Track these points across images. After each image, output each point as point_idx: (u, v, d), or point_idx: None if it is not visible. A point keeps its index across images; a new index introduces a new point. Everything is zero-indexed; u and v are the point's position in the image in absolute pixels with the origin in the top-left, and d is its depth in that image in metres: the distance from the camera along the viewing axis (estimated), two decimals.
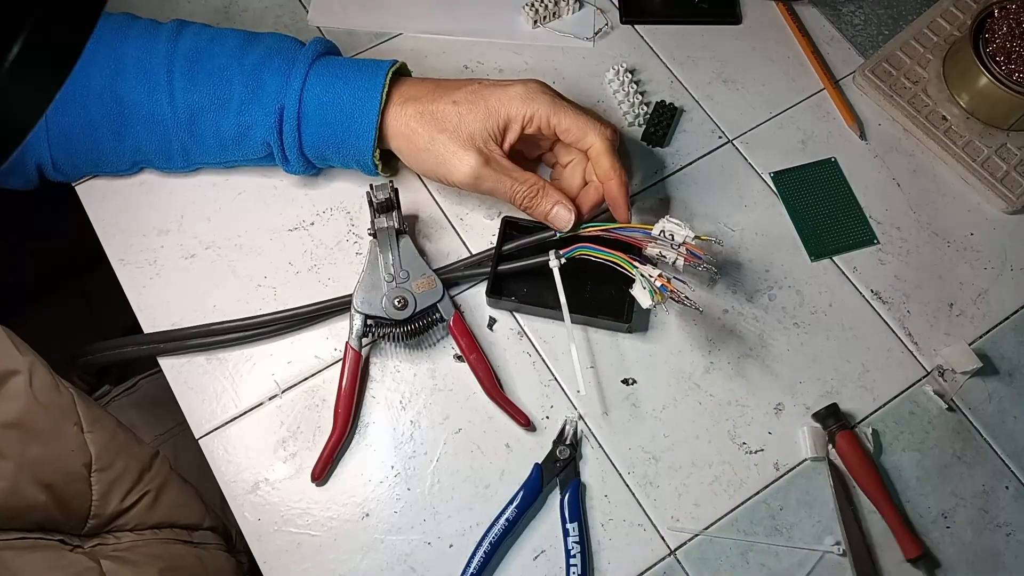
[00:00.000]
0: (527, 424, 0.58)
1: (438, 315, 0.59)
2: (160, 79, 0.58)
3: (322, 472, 0.57)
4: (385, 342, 0.61)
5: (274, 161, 0.62)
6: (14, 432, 0.51)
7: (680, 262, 0.57)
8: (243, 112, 0.59)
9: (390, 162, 0.63)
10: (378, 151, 0.60)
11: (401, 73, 0.62)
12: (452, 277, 0.62)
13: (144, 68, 0.58)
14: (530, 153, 0.65)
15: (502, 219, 0.63)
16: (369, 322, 0.59)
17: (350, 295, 0.59)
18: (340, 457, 0.58)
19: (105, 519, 0.57)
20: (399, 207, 0.60)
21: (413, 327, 0.59)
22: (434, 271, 0.60)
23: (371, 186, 0.59)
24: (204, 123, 0.59)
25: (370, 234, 0.61)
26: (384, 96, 0.58)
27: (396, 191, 0.60)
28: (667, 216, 0.57)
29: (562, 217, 0.59)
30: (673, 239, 0.57)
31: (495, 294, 0.61)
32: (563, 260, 0.59)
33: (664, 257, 0.57)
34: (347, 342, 0.58)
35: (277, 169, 0.66)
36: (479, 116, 0.58)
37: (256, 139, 0.60)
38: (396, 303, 0.58)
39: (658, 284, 0.55)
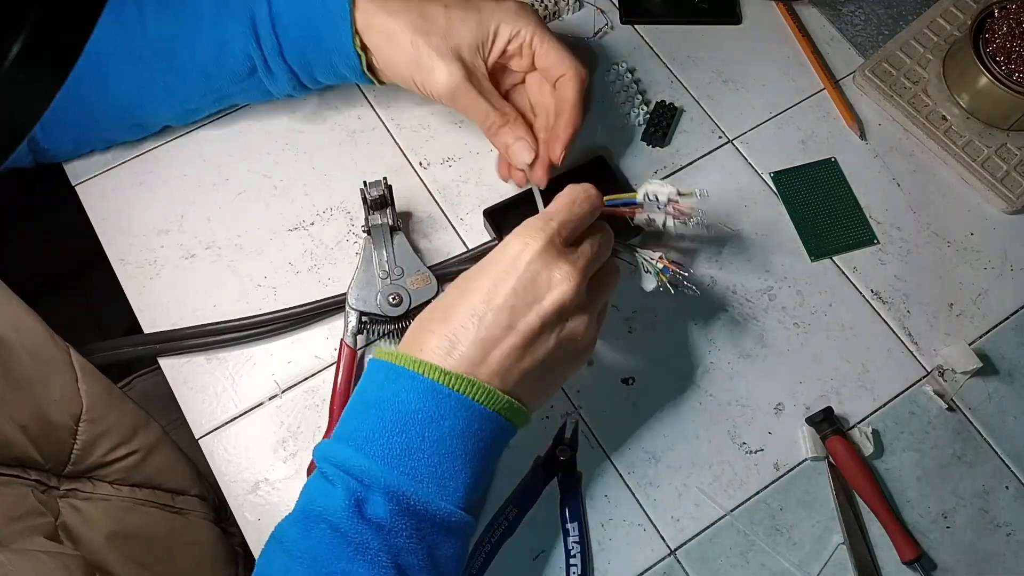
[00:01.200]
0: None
1: None
2: (132, 12, 0.57)
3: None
4: (380, 339, 0.61)
5: (261, 83, 0.61)
6: None
7: (670, 221, 0.56)
8: (216, 28, 0.57)
9: (378, 71, 0.61)
10: (359, 39, 0.58)
11: None
12: (448, 273, 0.62)
13: (113, 7, 0.56)
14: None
15: (483, 212, 0.63)
16: (364, 319, 0.59)
17: (345, 293, 0.59)
18: None
19: (84, 468, 0.57)
20: (393, 204, 0.60)
21: (408, 324, 0.59)
22: (429, 268, 0.60)
23: (364, 183, 0.59)
24: (181, 49, 0.58)
25: (364, 231, 0.61)
26: None
27: (390, 188, 0.60)
28: (648, 179, 0.56)
29: (520, 152, 0.59)
30: (658, 200, 0.56)
31: None
32: None
33: (653, 221, 0.57)
34: (342, 339, 0.58)
35: (277, 168, 0.66)
36: (471, 25, 0.57)
37: (236, 53, 0.58)
38: (391, 300, 0.58)
39: (660, 266, 0.55)
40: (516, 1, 0.59)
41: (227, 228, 0.64)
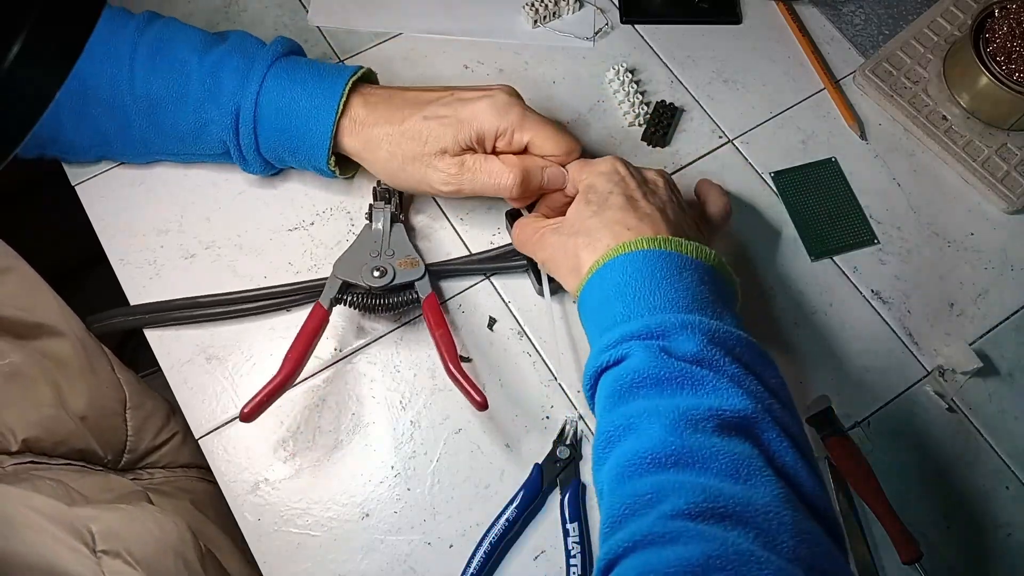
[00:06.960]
0: (483, 405, 0.54)
1: (415, 294, 0.60)
2: (123, 64, 0.57)
3: (254, 411, 0.53)
4: (358, 310, 0.60)
5: (232, 161, 0.62)
6: (53, 364, 0.53)
7: None
8: (200, 109, 0.58)
9: (349, 166, 0.63)
10: (334, 158, 0.59)
11: (366, 79, 0.60)
12: (448, 271, 0.63)
13: (108, 52, 0.57)
14: None
15: (505, 213, 0.63)
16: (347, 291, 0.59)
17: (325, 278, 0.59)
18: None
19: (139, 454, 0.60)
20: (400, 197, 0.62)
21: (388, 301, 0.59)
22: (428, 264, 0.60)
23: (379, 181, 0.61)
24: (163, 114, 0.58)
25: (366, 216, 0.62)
26: (341, 105, 0.57)
27: None
28: None
29: (556, 175, 0.58)
30: None
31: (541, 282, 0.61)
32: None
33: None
34: (318, 301, 0.58)
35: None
36: (450, 131, 0.56)
37: (213, 137, 0.59)
38: (375, 272, 0.59)
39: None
40: (493, 97, 0.57)
41: (227, 228, 0.64)
